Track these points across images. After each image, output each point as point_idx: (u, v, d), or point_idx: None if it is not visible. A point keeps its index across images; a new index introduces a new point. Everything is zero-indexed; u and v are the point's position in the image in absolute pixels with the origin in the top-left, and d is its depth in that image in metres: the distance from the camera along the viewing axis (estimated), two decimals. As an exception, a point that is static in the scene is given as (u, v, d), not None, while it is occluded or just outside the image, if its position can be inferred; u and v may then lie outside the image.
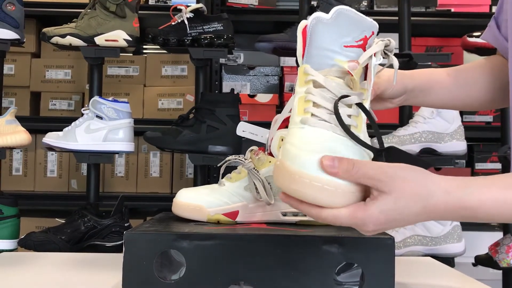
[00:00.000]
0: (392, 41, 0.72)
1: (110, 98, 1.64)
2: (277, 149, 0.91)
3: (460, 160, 2.31)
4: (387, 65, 0.74)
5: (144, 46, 2.74)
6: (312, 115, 0.68)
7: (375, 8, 2.45)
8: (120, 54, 1.74)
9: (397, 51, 1.94)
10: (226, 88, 2.41)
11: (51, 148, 1.62)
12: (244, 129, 1.00)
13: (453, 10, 2.47)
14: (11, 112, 1.57)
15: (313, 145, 0.65)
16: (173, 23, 1.73)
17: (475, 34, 1.91)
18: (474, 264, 1.77)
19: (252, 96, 2.40)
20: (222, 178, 0.97)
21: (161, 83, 2.42)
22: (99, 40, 1.69)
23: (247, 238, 0.82)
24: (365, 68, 0.71)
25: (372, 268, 0.80)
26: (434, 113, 1.71)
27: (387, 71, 0.86)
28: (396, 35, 1.91)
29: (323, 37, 0.70)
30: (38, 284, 0.94)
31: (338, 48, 0.70)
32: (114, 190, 2.35)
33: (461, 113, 2.18)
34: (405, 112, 1.88)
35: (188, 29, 1.72)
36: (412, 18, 1.91)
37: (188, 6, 1.74)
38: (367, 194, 0.66)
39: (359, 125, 0.69)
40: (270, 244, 0.81)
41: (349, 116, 0.68)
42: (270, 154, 0.94)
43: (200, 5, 1.74)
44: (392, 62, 0.72)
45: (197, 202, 0.94)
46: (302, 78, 0.72)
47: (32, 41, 2.38)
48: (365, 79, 0.72)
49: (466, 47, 1.95)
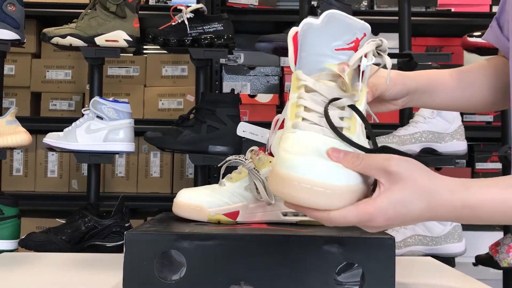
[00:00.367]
0: (384, 40, 0.72)
1: (111, 99, 1.64)
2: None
3: (461, 160, 2.31)
4: (382, 65, 0.73)
5: (145, 47, 2.74)
6: (303, 119, 0.68)
7: (375, 8, 2.44)
8: (121, 54, 1.74)
9: (397, 51, 1.94)
10: (226, 88, 2.41)
11: (51, 149, 1.62)
12: (244, 129, 1.00)
13: (453, 10, 2.46)
14: (11, 112, 1.57)
15: (301, 148, 0.65)
16: (173, 23, 1.73)
17: (475, 34, 1.91)
18: (475, 264, 1.77)
19: (252, 96, 2.40)
20: (223, 178, 0.97)
21: (161, 83, 2.42)
22: (100, 41, 1.69)
23: (248, 238, 0.82)
24: (358, 69, 0.70)
25: (373, 268, 0.80)
26: (435, 113, 1.71)
27: (386, 72, 0.86)
28: (396, 35, 1.91)
29: (314, 42, 0.70)
30: (39, 285, 0.94)
31: (329, 52, 0.69)
32: (114, 190, 2.35)
33: (462, 113, 2.18)
34: (406, 112, 1.88)
35: (188, 29, 1.72)
36: (412, 18, 1.91)
37: (188, 6, 1.74)
38: (363, 195, 0.65)
39: (352, 127, 0.68)
40: (270, 244, 0.81)
41: (341, 118, 0.68)
42: (271, 154, 0.94)
43: (200, 5, 1.74)
44: (385, 62, 0.71)
45: (198, 202, 0.94)
46: (295, 84, 0.71)
47: (33, 41, 2.38)
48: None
49: (467, 47, 1.95)
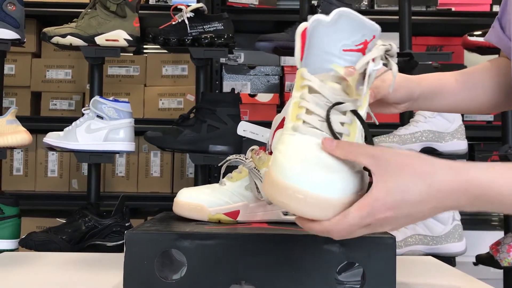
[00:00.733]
0: (394, 45, 0.70)
1: (111, 98, 1.64)
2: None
3: (461, 159, 2.31)
4: (387, 69, 0.72)
5: (145, 46, 2.74)
6: (304, 122, 0.67)
7: (376, 7, 2.44)
8: (121, 54, 1.74)
9: (397, 50, 1.93)
10: (226, 88, 2.41)
11: (51, 148, 1.62)
12: (245, 129, 1.00)
13: (453, 9, 2.46)
14: (11, 112, 1.57)
15: (299, 155, 0.64)
16: (173, 23, 1.73)
17: (476, 33, 1.91)
18: (475, 264, 1.77)
19: (252, 95, 2.40)
20: (223, 177, 0.97)
21: (161, 82, 2.42)
22: (100, 40, 1.69)
23: (248, 238, 0.82)
24: (364, 73, 0.69)
25: (373, 267, 0.80)
26: (435, 112, 1.71)
27: (390, 76, 0.85)
28: (397, 34, 1.91)
29: (322, 40, 0.68)
30: (39, 284, 0.94)
31: (337, 51, 0.68)
32: (114, 190, 2.35)
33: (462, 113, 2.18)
34: (406, 111, 1.87)
35: (188, 29, 1.72)
36: (412, 17, 1.91)
37: (188, 6, 1.74)
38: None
39: (352, 133, 0.68)
40: (271, 243, 0.81)
41: (342, 123, 0.67)
42: (271, 153, 0.94)
43: (200, 5, 1.74)
44: (392, 68, 0.70)
45: (198, 201, 0.94)
46: (299, 82, 0.70)
47: (33, 41, 2.38)
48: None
49: (467, 46, 1.95)
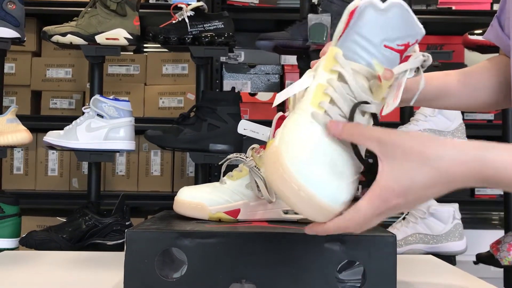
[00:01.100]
0: (430, 57, 0.68)
1: (111, 97, 1.63)
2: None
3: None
4: (416, 76, 0.70)
5: (145, 45, 2.74)
6: (325, 112, 0.65)
7: (376, 6, 2.44)
8: (121, 52, 1.74)
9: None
10: (226, 87, 2.41)
11: (52, 147, 1.62)
12: (245, 127, 1.00)
13: (454, 8, 2.46)
14: (12, 111, 1.56)
15: (313, 149, 0.63)
16: (173, 22, 1.73)
17: (476, 31, 1.91)
18: (476, 262, 1.77)
19: (252, 94, 2.40)
20: (223, 176, 0.97)
21: (161, 81, 2.42)
22: (100, 39, 1.68)
23: (249, 236, 0.82)
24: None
25: (374, 266, 0.80)
26: (436, 111, 1.71)
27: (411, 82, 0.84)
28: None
29: (369, 24, 0.65)
30: (40, 283, 0.94)
31: (378, 42, 0.65)
32: (115, 188, 2.35)
33: (462, 111, 2.18)
34: (406, 110, 1.88)
35: (188, 28, 1.72)
36: (413, 16, 1.90)
37: (188, 5, 1.73)
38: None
39: None
40: (271, 242, 0.81)
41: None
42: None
43: (200, 3, 1.74)
44: (420, 80, 0.68)
45: (199, 200, 0.93)
46: (330, 63, 0.67)
47: (33, 39, 2.37)
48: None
49: (468, 45, 1.94)
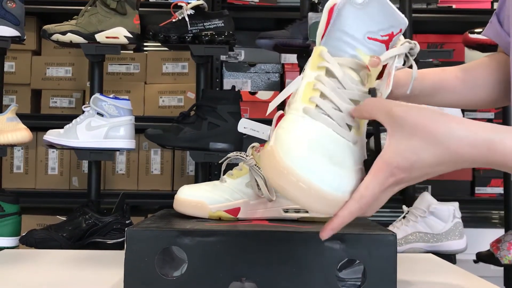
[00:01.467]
0: (417, 45, 0.68)
1: (111, 96, 1.63)
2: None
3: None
4: (407, 65, 0.69)
5: (145, 43, 2.74)
6: (317, 106, 0.65)
7: (376, 5, 2.44)
8: (121, 51, 1.74)
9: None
10: (227, 85, 2.41)
11: (52, 146, 1.62)
12: (245, 126, 1.00)
13: (454, 6, 2.46)
14: (12, 109, 1.56)
15: (307, 141, 0.62)
16: (173, 20, 1.73)
17: (476, 30, 1.91)
18: (476, 261, 1.77)
19: (253, 93, 2.40)
20: (224, 175, 0.97)
21: (161, 80, 2.42)
22: (100, 37, 1.68)
23: (249, 235, 0.82)
24: (383, 67, 0.67)
25: (374, 264, 0.80)
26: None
27: (400, 71, 0.82)
28: (397, 31, 1.91)
29: (349, 20, 0.65)
30: (40, 282, 0.94)
31: (361, 37, 0.65)
32: (115, 187, 2.35)
33: (463, 110, 2.17)
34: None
35: (189, 26, 1.71)
36: (413, 14, 1.90)
37: (188, 3, 1.73)
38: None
39: (361, 126, 0.66)
40: (271, 240, 0.81)
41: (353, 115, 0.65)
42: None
43: (200, 2, 1.74)
44: (412, 68, 0.67)
45: (199, 198, 0.93)
46: (316, 61, 0.67)
47: (33, 38, 2.37)
48: (378, 78, 0.68)
49: (468, 44, 1.94)
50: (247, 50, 2.48)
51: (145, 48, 2.75)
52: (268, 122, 0.97)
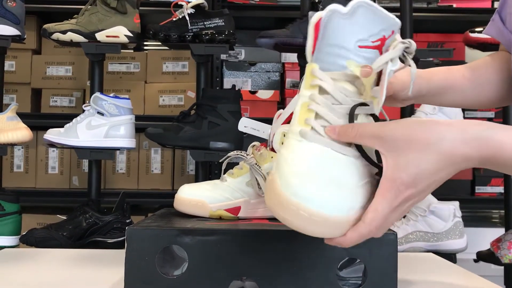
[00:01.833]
0: (413, 43, 0.65)
1: (111, 95, 1.63)
2: (279, 145, 0.91)
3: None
4: (404, 66, 0.67)
5: (145, 43, 2.74)
6: (312, 128, 0.63)
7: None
8: (121, 50, 1.74)
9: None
10: (227, 85, 2.41)
11: (52, 145, 1.62)
12: (246, 125, 1.00)
13: (455, 5, 2.46)
14: (12, 108, 1.56)
15: (304, 167, 0.60)
16: (174, 19, 1.73)
17: (477, 29, 1.91)
18: (476, 260, 1.77)
19: (253, 92, 2.40)
20: (224, 174, 0.97)
21: (162, 79, 2.42)
22: (100, 36, 1.68)
23: (249, 234, 0.82)
24: (380, 72, 0.65)
25: (375, 263, 0.80)
26: (436, 109, 1.70)
27: (405, 72, 0.80)
28: (398, 31, 1.91)
29: (337, 33, 0.63)
30: (40, 281, 0.94)
31: (352, 47, 0.63)
32: (115, 186, 2.35)
33: (463, 109, 2.17)
34: (407, 109, 1.87)
35: (189, 25, 1.71)
36: (413, 13, 1.90)
37: (189, 2, 1.73)
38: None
39: None
40: (272, 239, 0.81)
41: None
42: (272, 149, 0.94)
43: (201, 1, 1.74)
44: (410, 67, 0.65)
45: (199, 197, 0.93)
46: (309, 79, 0.66)
47: (33, 37, 2.37)
48: (377, 84, 0.65)
49: (469, 43, 1.94)
50: (248, 49, 2.48)
51: (145, 47, 2.75)
52: (269, 121, 0.97)
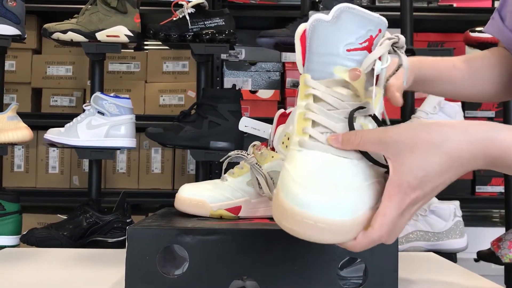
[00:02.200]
0: (401, 37, 0.66)
1: (112, 94, 1.63)
2: (279, 144, 0.91)
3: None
4: (398, 64, 0.67)
5: (145, 42, 2.74)
6: (310, 136, 0.63)
7: (377, 4, 2.44)
8: (121, 50, 1.74)
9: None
10: (227, 84, 2.41)
11: (52, 144, 1.62)
12: (246, 124, 1.00)
13: (455, 5, 2.46)
14: (12, 108, 1.56)
15: (305, 176, 0.60)
16: (174, 19, 1.72)
17: (477, 28, 1.91)
18: (476, 260, 1.77)
19: (253, 92, 2.40)
20: (225, 173, 0.97)
21: (162, 79, 2.42)
22: (101, 36, 1.68)
23: (250, 233, 0.82)
24: (372, 71, 0.64)
25: (375, 263, 0.80)
26: (437, 109, 1.70)
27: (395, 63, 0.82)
28: (398, 30, 1.91)
29: (324, 41, 0.64)
30: (41, 280, 0.94)
31: (341, 52, 0.63)
32: (115, 186, 2.35)
33: (464, 109, 2.17)
34: (407, 108, 1.87)
35: (189, 25, 1.71)
36: (414, 13, 1.90)
37: (189, 2, 1.73)
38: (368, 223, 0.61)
39: None
40: (273, 239, 0.81)
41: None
42: (273, 149, 0.94)
43: (201, 1, 1.73)
44: (402, 61, 0.65)
45: (200, 197, 0.93)
46: (303, 90, 0.66)
47: (33, 37, 2.37)
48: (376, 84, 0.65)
49: (469, 42, 1.94)
50: (248, 49, 2.48)
51: (145, 47, 2.75)
52: (269, 120, 0.97)
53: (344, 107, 0.64)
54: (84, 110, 1.62)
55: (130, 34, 1.69)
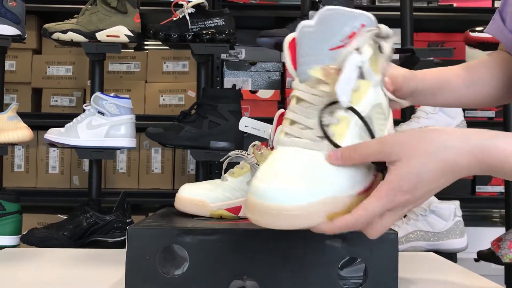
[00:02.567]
0: (383, 26, 0.66)
1: (112, 94, 1.63)
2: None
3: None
4: (382, 52, 0.67)
5: (146, 42, 2.74)
6: (286, 133, 0.65)
7: (377, 3, 2.44)
8: (121, 50, 1.73)
9: (399, 46, 1.93)
10: (227, 84, 2.41)
11: (53, 144, 1.62)
12: (246, 124, 1.00)
13: (455, 5, 2.46)
14: (12, 108, 1.56)
15: (270, 170, 0.63)
16: (174, 19, 1.72)
17: (478, 28, 1.91)
18: (477, 260, 1.77)
19: (253, 92, 2.40)
20: (225, 173, 0.97)
21: (162, 79, 2.42)
22: (101, 36, 1.68)
23: (250, 233, 0.82)
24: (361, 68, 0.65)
25: (376, 263, 0.80)
26: (437, 108, 1.70)
27: (400, 69, 0.81)
28: (398, 30, 1.91)
29: (310, 45, 0.66)
30: (41, 280, 0.94)
31: (325, 52, 0.65)
32: (116, 186, 2.35)
33: (464, 108, 2.17)
34: (407, 109, 1.87)
35: (189, 25, 1.71)
36: (414, 13, 1.90)
37: (189, 2, 1.73)
38: (348, 200, 0.63)
39: (342, 133, 0.64)
40: (273, 239, 0.81)
41: (327, 125, 0.64)
42: (273, 149, 0.94)
43: (201, 0, 1.73)
44: (383, 49, 0.66)
45: (200, 197, 0.93)
46: (292, 93, 0.68)
47: (33, 37, 2.37)
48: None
49: (469, 42, 1.94)
50: (248, 49, 2.48)
51: (145, 47, 2.74)
52: (269, 120, 0.97)
53: (322, 103, 0.65)
54: (84, 110, 1.62)
55: (130, 34, 1.69)
